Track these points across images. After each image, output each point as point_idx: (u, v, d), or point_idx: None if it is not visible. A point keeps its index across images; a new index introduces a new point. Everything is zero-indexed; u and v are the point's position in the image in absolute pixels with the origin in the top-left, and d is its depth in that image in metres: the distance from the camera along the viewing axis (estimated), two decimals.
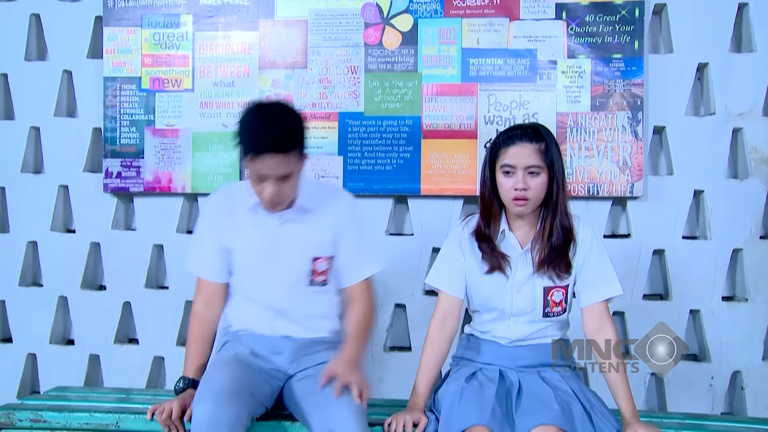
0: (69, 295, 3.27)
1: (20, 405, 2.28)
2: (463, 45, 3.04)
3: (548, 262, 2.10)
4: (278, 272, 2.22)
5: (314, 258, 2.23)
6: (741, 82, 3.00)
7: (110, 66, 3.20)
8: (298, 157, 2.09)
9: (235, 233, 2.24)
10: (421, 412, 2.09)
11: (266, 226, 2.21)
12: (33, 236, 3.30)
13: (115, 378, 3.21)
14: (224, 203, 2.28)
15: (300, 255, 2.22)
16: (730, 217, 2.99)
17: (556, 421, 1.89)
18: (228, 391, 1.93)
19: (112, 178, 3.18)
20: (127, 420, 2.16)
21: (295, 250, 2.22)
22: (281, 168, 2.04)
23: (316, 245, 2.23)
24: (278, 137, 2.03)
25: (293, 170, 2.09)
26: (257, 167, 2.04)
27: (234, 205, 2.25)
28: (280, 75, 3.12)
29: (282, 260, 2.22)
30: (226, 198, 2.29)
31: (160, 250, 3.26)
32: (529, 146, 2.05)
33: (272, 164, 2.03)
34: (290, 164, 2.06)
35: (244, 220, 2.23)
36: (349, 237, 2.26)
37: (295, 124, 2.10)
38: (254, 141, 2.03)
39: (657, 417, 2.34)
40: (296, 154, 2.08)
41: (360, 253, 2.28)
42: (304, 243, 2.22)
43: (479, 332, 2.24)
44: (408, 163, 3.06)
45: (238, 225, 2.23)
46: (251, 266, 2.24)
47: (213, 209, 2.31)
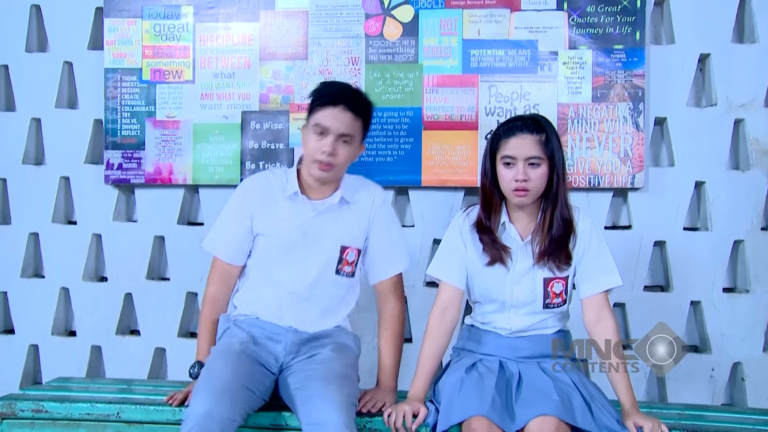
0: (71, 287, 3.28)
1: (22, 395, 2.29)
2: (464, 36, 3.03)
3: (548, 253, 2.10)
4: (308, 258, 2.27)
5: (344, 247, 2.28)
6: (743, 73, 2.99)
7: (111, 57, 3.19)
8: (360, 129, 2.24)
9: (268, 218, 2.28)
10: (421, 402, 2.11)
11: (302, 214, 2.27)
12: (34, 228, 3.30)
13: (117, 369, 3.21)
14: (261, 187, 2.33)
15: (331, 242, 2.28)
16: (731, 209, 2.99)
17: (555, 412, 1.90)
18: (224, 388, 1.95)
19: (113, 169, 3.18)
20: (128, 410, 2.17)
21: (327, 238, 2.27)
22: (346, 125, 2.17)
23: (347, 235, 2.29)
24: (353, 96, 2.23)
25: (353, 137, 2.20)
26: (324, 117, 2.16)
27: (271, 190, 2.31)
28: (281, 66, 3.12)
29: (313, 247, 2.27)
30: (263, 183, 2.34)
31: (161, 241, 3.26)
32: (529, 137, 2.05)
33: (340, 117, 2.16)
34: (353, 128, 2.19)
35: (280, 206, 2.28)
36: (382, 233, 2.33)
37: (367, 100, 2.30)
38: (331, 92, 2.21)
39: (657, 408, 2.35)
40: (360, 125, 2.23)
41: (391, 250, 2.35)
42: (337, 232, 2.28)
43: (480, 323, 2.25)
44: (409, 154, 3.06)
45: (272, 210, 2.28)
46: (280, 251, 2.28)
47: (248, 191, 2.34)
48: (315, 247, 2.27)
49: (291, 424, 2.12)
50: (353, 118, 2.19)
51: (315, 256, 2.27)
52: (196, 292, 3.21)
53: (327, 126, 2.16)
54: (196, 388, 1.99)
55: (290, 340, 2.25)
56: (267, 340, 2.25)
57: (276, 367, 2.23)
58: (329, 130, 2.16)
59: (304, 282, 2.27)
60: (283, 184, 2.30)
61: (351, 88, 2.28)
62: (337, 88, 2.25)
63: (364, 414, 2.12)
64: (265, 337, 2.25)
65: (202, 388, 1.96)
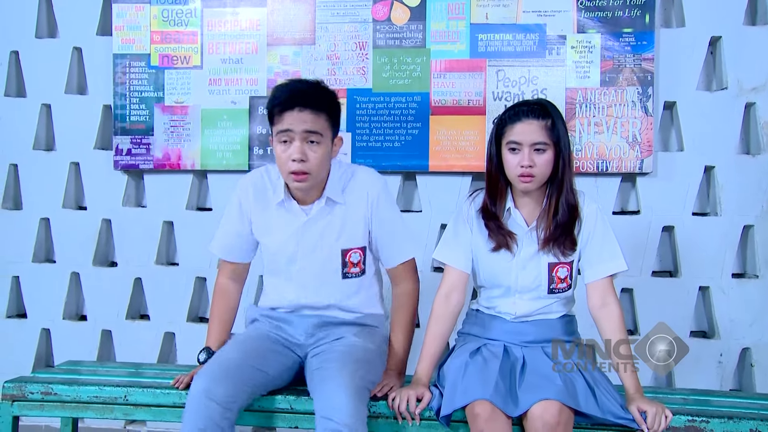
0: (81, 272, 3.31)
1: (31, 378, 2.31)
2: (472, 20, 3.01)
3: (553, 239, 2.09)
4: (308, 268, 2.23)
5: (345, 250, 2.23)
6: (754, 56, 2.96)
7: (119, 43, 3.20)
8: (328, 124, 2.09)
9: (264, 227, 2.24)
10: (425, 387, 2.10)
11: (294, 222, 2.20)
12: (45, 213, 3.33)
13: (127, 353, 3.25)
14: (255, 191, 2.25)
15: (329, 249, 2.22)
16: (741, 193, 2.96)
17: (558, 396, 1.90)
18: (227, 369, 1.97)
19: (122, 155, 3.20)
20: (135, 393, 2.19)
21: (324, 245, 2.21)
22: (308, 123, 2.04)
23: (346, 238, 2.22)
24: (309, 93, 2.07)
25: (322, 134, 2.07)
26: (282, 124, 2.04)
27: (265, 194, 2.24)
28: (289, 51, 3.12)
29: (311, 258, 2.21)
30: (258, 185, 2.26)
31: (170, 226, 3.28)
32: (535, 123, 2.04)
33: (299, 118, 2.03)
34: (318, 125, 2.05)
35: (273, 213, 2.23)
36: (383, 226, 2.25)
37: (327, 92, 2.13)
38: (284, 96, 2.06)
39: (662, 393, 2.34)
40: (325, 120, 2.08)
41: (394, 242, 2.27)
42: (334, 237, 2.21)
43: (485, 308, 2.25)
44: (416, 139, 3.05)
45: (266, 218, 2.24)
46: (280, 264, 2.25)
47: (244, 195, 2.26)
48: (313, 258, 2.21)
49: (297, 408, 2.13)
50: (314, 116, 2.05)
51: (315, 266, 2.22)
52: (205, 277, 3.23)
53: (289, 130, 2.04)
54: (199, 370, 2.00)
55: (312, 323, 2.26)
56: (290, 327, 2.27)
57: (300, 350, 2.24)
58: (292, 133, 2.04)
59: (311, 294, 2.25)
60: (276, 185, 2.22)
61: (304, 86, 2.11)
62: (289, 90, 2.09)
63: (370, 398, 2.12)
64: (288, 325, 2.27)
65: (204, 369, 1.98)
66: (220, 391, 1.90)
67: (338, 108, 2.17)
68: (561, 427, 1.88)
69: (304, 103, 2.04)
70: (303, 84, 2.12)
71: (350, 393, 1.92)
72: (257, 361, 2.06)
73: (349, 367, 2.01)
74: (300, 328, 2.26)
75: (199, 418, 1.88)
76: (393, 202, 2.32)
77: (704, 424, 2.01)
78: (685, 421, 2.01)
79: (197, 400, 1.89)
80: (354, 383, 1.96)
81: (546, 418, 1.87)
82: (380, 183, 2.26)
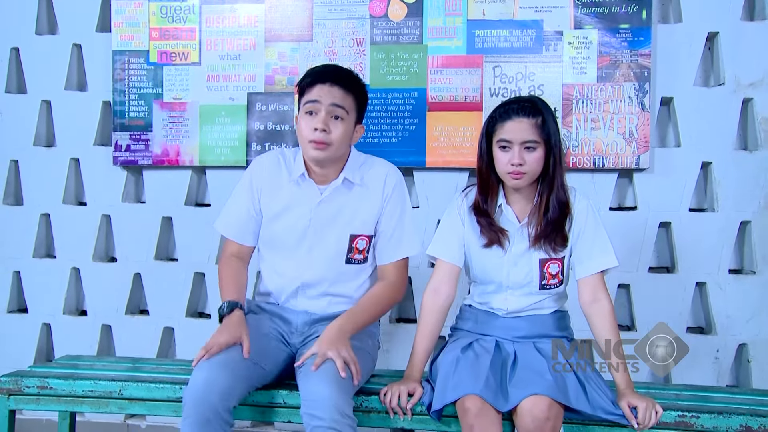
0: (81, 267, 3.33)
1: (27, 372, 2.34)
2: (469, 16, 3.02)
3: (544, 236, 2.10)
4: (315, 249, 2.25)
5: (353, 236, 2.25)
6: (752, 52, 2.95)
7: (118, 39, 3.22)
8: (353, 106, 2.18)
9: (275, 202, 2.26)
10: (416, 382, 2.12)
11: (309, 200, 2.23)
12: (46, 209, 3.36)
13: (127, 348, 3.27)
14: (269, 169, 2.29)
15: (339, 232, 2.24)
16: (738, 189, 2.96)
17: (548, 392, 1.91)
18: (226, 361, 1.97)
19: (121, 151, 3.21)
20: (130, 387, 2.20)
21: (334, 227, 2.24)
22: (336, 97, 2.12)
23: (357, 223, 2.25)
24: (342, 73, 2.19)
25: (348, 111, 2.15)
26: (312, 94, 2.13)
27: (279, 172, 2.28)
28: (286, 48, 3.12)
29: (321, 236, 2.24)
30: (273, 164, 2.30)
31: (169, 222, 3.30)
32: (525, 121, 2.04)
33: (328, 91, 2.12)
34: (345, 101, 2.14)
35: (286, 190, 2.25)
36: (392, 217, 2.27)
37: (358, 78, 2.24)
38: (318, 71, 2.19)
39: (655, 388, 2.34)
40: (352, 101, 2.17)
41: (398, 234, 2.27)
42: (345, 220, 2.24)
43: (477, 303, 2.26)
44: (413, 135, 3.06)
45: (279, 194, 2.26)
46: (287, 241, 2.26)
47: (257, 172, 2.30)
48: (322, 237, 2.24)
49: (289, 402, 2.14)
50: (343, 93, 2.15)
51: (323, 246, 2.25)
52: (204, 273, 3.25)
53: (316, 100, 2.13)
54: (199, 363, 2.01)
55: (302, 320, 2.28)
56: (281, 321, 2.29)
57: (292, 344, 2.26)
58: (319, 103, 2.12)
59: (313, 274, 2.26)
60: (291, 166, 2.26)
61: (338, 67, 2.25)
62: (324, 67, 2.24)
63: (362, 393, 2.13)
64: (279, 317, 2.29)
65: (204, 361, 1.99)
66: (220, 382, 1.91)
67: (366, 97, 2.26)
68: (550, 422, 1.89)
69: (336, 80, 2.15)
70: (337, 66, 2.27)
71: (334, 387, 1.92)
72: (254, 355, 2.07)
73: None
74: (294, 325, 2.28)
75: (202, 408, 1.89)
76: (405, 198, 2.33)
77: (694, 419, 2.01)
78: (675, 417, 2.02)
79: (197, 392, 1.90)
80: (338, 377, 1.96)
81: (535, 413, 1.88)
82: (398, 176, 2.32)
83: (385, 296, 2.25)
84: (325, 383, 1.92)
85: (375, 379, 2.29)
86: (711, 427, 2.01)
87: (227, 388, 1.92)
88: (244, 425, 3.17)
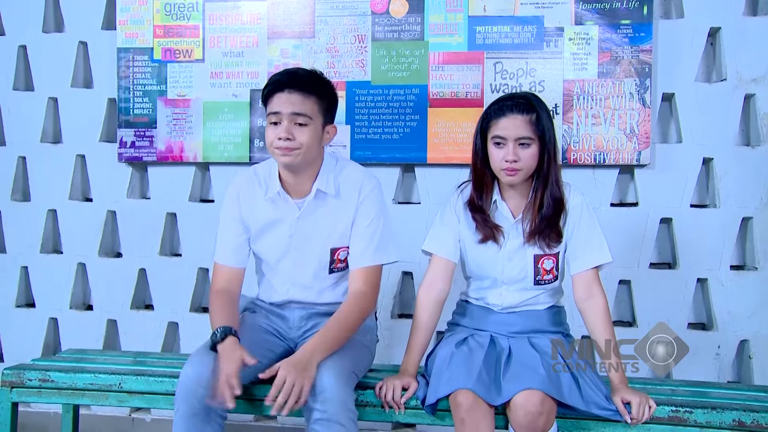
0: (87, 262, 3.37)
1: (30, 365, 2.38)
2: (470, 13, 3.02)
3: (538, 232, 2.11)
4: (299, 263, 2.25)
5: (333, 249, 2.24)
6: (755, 47, 2.94)
7: (123, 37, 3.25)
8: (318, 108, 2.11)
9: (256, 223, 2.24)
10: (411, 376, 2.14)
11: (287, 216, 2.22)
12: (53, 204, 3.40)
13: (132, 342, 3.31)
14: (246, 191, 2.25)
15: (320, 247, 2.23)
16: (740, 185, 2.95)
17: (541, 386, 1.91)
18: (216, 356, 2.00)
19: (126, 147, 3.25)
20: (129, 381, 2.24)
21: (314, 242, 2.23)
22: (296, 105, 2.06)
23: (336, 236, 2.23)
24: (301, 77, 2.11)
25: (311, 117, 2.08)
26: (272, 106, 2.08)
27: (255, 193, 2.24)
28: (289, 45, 3.15)
29: (302, 251, 2.24)
30: (248, 185, 2.26)
31: (173, 218, 3.33)
32: (519, 117, 2.05)
33: (286, 99, 2.06)
34: (306, 107, 2.07)
35: (265, 209, 2.23)
36: (361, 221, 2.21)
37: (321, 78, 2.16)
38: (275, 79, 2.11)
39: (651, 384, 2.35)
40: (315, 103, 2.10)
41: (369, 240, 2.21)
42: (325, 234, 2.23)
43: (473, 298, 2.28)
44: (415, 131, 3.07)
45: (259, 214, 2.24)
46: (272, 256, 2.27)
47: (234, 198, 2.26)
48: (304, 252, 2.23)
49: None
50: (303, 98, 2.07)
51: (305, 261, 2.24)
52: (208, 268, 3.27)
53: (277, 111, 2.07)
54: (191, 357, 2.03)
55: (298, 315, 2.31)
56: (278, 318, 2.32)
57: (291, 340, 2.29)
58: (280, 115, 2.07)
59: (299, 288, 2.28)
60: (267, 182, 2.23)
61: (296, 71, 2.15)
62: (280, 74, 2.14)
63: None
64: (276, 315, 2.32)
65: (195, 355, 2.02)
66: (210, 376, 1.94)
67: (332, 96, 2.18)
68: (543, 416, 1.90)
69: (293, 85, 2.08)
70: (295, 69, 2.17)
71: (335, 377, 1.95)
72: (249, 350, 2.09)
73: (335, 354, 2.04)
74: (291, 321, 2.31)
75: (192, 400, 1.93)
76: (380, 205, 2.25)
77: (688, 414, 2.02)
78: (668, 412, 2.03)
79: (188, 385, 1.94)
80: (340, 367, 1.99)
81: (528, 407, 1.89)
82: (373, 183, 2.25)
83: (354, 312, 2.15)
84: (328, 375, 1.95)
85: (374, 373, 2.31)
86: (704, 422, 2.01)
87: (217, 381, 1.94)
88: (247, 419, 3.20)
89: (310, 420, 1.94)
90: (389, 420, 2.15)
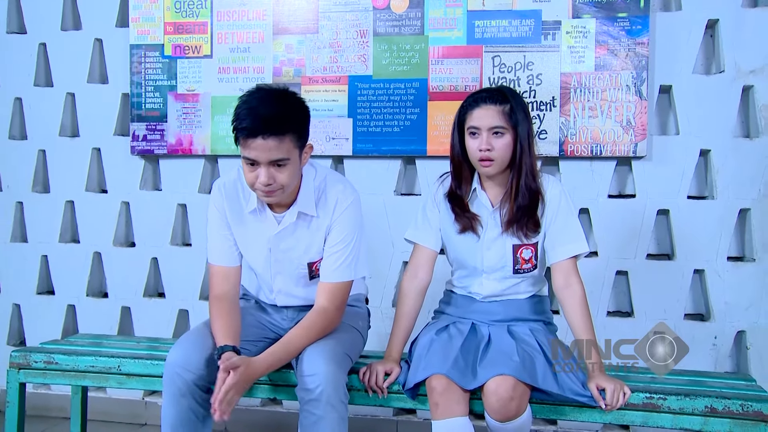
0: (103, 251, 3.50)
1: (36, 348, 2.51)
2: (469, 7, 3.07)
3: (515, 221, 2.16)
4: (279, 274, 2.31)
5: (311, 263, 2.27)
6: (753, 39, 2.93)
7: (135, 34, 3.37)
8: (294, 144, 2.03)
9: (238, 232, 2.26)
10: (395, 362, 2.22)
11: (266, 230, 2.22)
12: (70, 196, 3.54)
13: (145, 329, 3.43)
14: (229, 198, 2.24)
15: (297, 261, 2.27)
16: (737, 177, 2.95)
17: (514, 372, 1.97)
18: (204, 339, 2.09)
19: (138, 140, 3.37)
20: (127, 364, 2.36)
21: (292, 257, 2.26)
22: (273, 152, 1.98)
23: (313, 252, 2.25)
24: (272, 118, 1.97)
25: (289, 157, 2.02)
26: (248, 151, 1.99)
27: (238, 202, 2.24)
28: (293, 40, 3.23)
29: (281, 264, 2.28)
30: (231, 193, 2.24)
31: (184, 209, 3.44)
32: (493, 108, 2.11)
33: (263, 147, 1.97)
34: (283, 151, 1.99)
35: (246, 221, 2.24)
36: (335, 237, 2.21)
37: (292, 108, 2.04)
38: (245, 122, 1.97)
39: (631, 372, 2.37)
40: (291, 139, 2.01)
41: (339, 256, 2.20)
42: (301, 251, 2.25)
43: (457, 288, 2.35)
44: (415, 124, 3.13)
45: (240, 225, 2.25)
46: (255, 265, 2.32)
47: (219, 202, 2.25)
48: (283, 265, 2.27)
49: (274, 379, 2.26)
50: (278, 142, 1.97)
51: (285, 273, 2.29)
52: None
53: (254, 158, 1.99)
54: (177, 341, 2.13)
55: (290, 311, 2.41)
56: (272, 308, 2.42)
57: (283, 328, 2.35)
58: (258, 162, 2.00)
59: (283, 295, 2.35)
60: (248, 195, 2.21)
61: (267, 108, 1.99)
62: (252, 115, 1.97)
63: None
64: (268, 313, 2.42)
65: (181, 339, 2.12)
66: (195, 359, 2.03)
67: (304, 119, 2.09)
68: (515, 401, 1.96)
69: (267, 130, 1.96)
70: (265, 105, 2.00)
71: (329, 359, 2.02)
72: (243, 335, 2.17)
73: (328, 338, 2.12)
74: (283, 313, 2.40)
75: (179, 382, 2.02)
76: (353, 222, 2.22)
77: (661, 401, 2.06)
78: (643, 398, 2.07)
79: (173, 367, 2.03)
80: (334, 350, 2.07)
81: (500, 392, 1.95)
82: (351, 199, 2.22)
83: (317, 326, 2.15)
84: (322, 359, 2.02)
85: (367, 359, 2.37)
86: (677, 409, 2.05)
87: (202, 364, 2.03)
88: (253, 404, 3.31)
89: (303, 401, 2.02)
90: (373, 404, 2.23)
